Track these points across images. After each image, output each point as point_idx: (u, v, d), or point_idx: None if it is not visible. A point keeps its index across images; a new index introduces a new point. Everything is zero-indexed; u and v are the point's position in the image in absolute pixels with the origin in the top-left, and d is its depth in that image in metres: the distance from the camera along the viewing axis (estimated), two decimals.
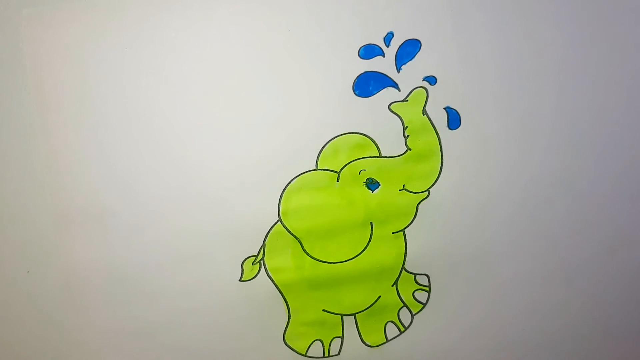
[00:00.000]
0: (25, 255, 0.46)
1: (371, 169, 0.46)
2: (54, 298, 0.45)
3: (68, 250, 0.45)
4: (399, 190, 0.46)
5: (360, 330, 0.46)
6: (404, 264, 0.46)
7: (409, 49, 0.45)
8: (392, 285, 0.46)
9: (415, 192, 0.46)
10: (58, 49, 0.45)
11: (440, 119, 0.46)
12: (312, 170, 0.46)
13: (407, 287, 0.46)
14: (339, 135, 0.46)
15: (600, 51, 0.45)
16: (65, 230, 0.45)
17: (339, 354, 0.46)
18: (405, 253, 0.46)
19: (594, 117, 0.45)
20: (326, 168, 0.46)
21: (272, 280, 0.45)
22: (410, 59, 0.45)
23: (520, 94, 0.45)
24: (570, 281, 0.46)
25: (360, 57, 0.45)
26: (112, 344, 0.45)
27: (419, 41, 0.45)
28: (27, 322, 0.46)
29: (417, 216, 0.46)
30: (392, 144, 0.46)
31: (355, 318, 0.46)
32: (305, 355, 0.45)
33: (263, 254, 0.46)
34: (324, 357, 0.45)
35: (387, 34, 0.45)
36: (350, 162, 0.46)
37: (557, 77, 0.45)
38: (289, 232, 0.46)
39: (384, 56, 0.45)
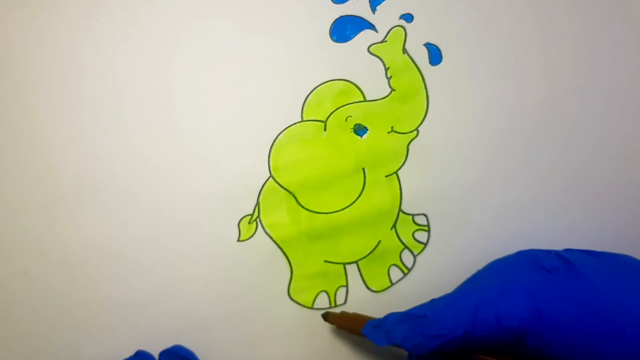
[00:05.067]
0: (19, 241, 0.45)
1: (357, 114, 0.45)
2: (51, 283, 0.45)
3: (61, 231, 0.45)
4: (388, 132, 0.45)
5: (364, 277, 0.45)
6: (400, 205, 0.45)
7: None
8: (391, 229, 0.45)
9: (404, 133, 0.45)
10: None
11: (422, 56, 0.45)
12: (298, 122, 0.45)
13: (406, 229, 0.45)
14: (321, 84, 0.45)
15: None
16: (56, 211, 0.45)
17: (345, 302, 0.45)
18: (401, 195, 0.45)
19: (578, 40, 0.45)
20: (312, 118, 0.45)
21: (271, 237, 0.45)
22: None
23: (499, 21, 0.45)
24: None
25: (334, 2, 0.45)
26: (116, 318, 0.45)
27: None
28: (26, 315, 0.45)
29: (408, 157, 0.45)
30: (375, 87, 0.45)
31: (357, 265, 0.45)
32: (312, 308, 0.45)
33: (258, 212, 0.45)
34: (330, 307, 0.45)
35: None
36: (336, 109, 0.45)
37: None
38: (282, 187, 0.45)
39: None
